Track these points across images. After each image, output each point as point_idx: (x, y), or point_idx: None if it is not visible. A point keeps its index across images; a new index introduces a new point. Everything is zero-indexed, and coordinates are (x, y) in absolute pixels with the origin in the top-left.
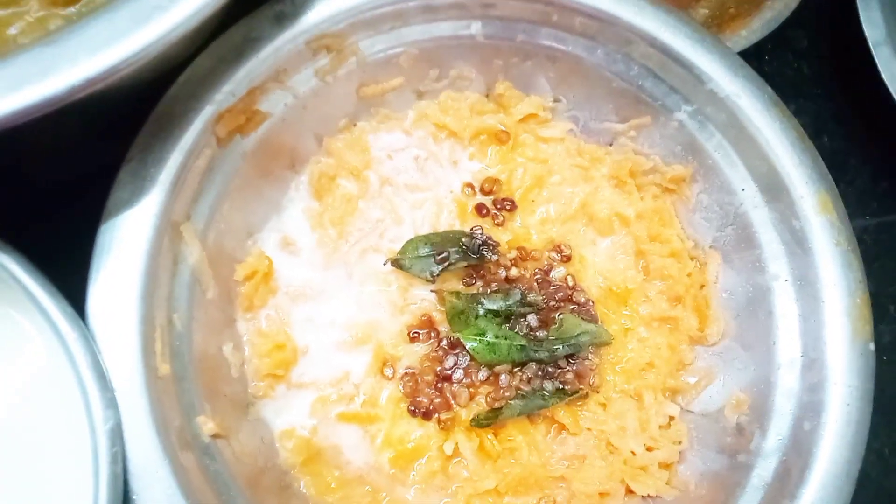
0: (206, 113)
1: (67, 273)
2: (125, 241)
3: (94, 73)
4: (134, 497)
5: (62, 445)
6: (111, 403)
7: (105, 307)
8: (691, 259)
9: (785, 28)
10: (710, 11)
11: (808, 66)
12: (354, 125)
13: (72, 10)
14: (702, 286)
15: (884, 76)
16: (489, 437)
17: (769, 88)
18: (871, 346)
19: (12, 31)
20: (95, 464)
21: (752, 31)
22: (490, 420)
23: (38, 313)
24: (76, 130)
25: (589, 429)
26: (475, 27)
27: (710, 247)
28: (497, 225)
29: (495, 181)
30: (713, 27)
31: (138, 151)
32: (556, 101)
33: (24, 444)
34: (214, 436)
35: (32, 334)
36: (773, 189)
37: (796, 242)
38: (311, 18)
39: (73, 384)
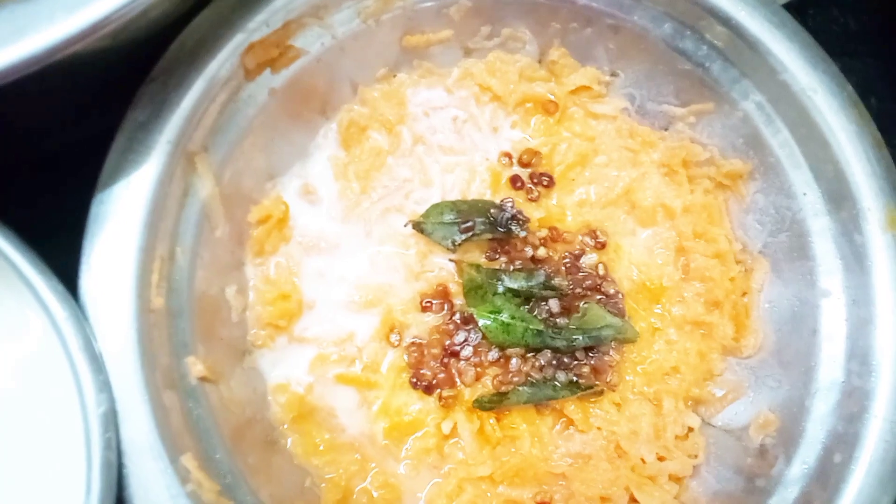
0: (237, 41)
1: (60, 235)
2: (135, 163)
3: (73, 31)
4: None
5: (54, 430)
6: (104, 387)
7: (106, 226)
8: (737, 263)
9: None
10: None
11: (855, 21)
12: (394, 76)
13: None
14: (744, 293)
15: None
16: (491, 421)
17: (850, 87)
18: None
19: None
20: (88, 449)
21: None
22: (494, 404)
23: (27, 291)
24: (64, 95)
25: (599, 428)
26: None
27: (760, 252)
28: (531, 200)
29: (535, 153)
30: None
31: (160, 73)
32: (613, 75)
33: (14, 428)
34: (202, 378)
35: (22, 313)
36: (838, 197)
37: (855, 259)
38: None
39: (65, 366)
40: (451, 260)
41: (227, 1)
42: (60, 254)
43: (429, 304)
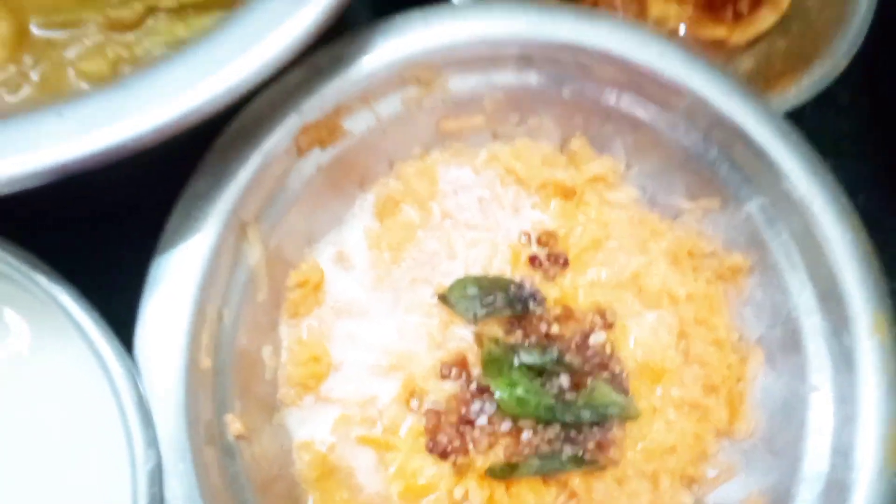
0: (291, 121)
1: (118, 292)
2: (193, 230)
3: (163, 121)
4: None
5: (101, 483)
6: (153, 443)
7: (162, 288)
8: (734, 351)
9: (828, 85)
10: (756, 65)
11: (849, 124)
12: (427, 155)
13: (131, 36)
14: (739, 380)
15: None
16: (500, 490)
17: (845, 198)
18: None
19: (69, 54)
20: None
21: (800, 90)
22: (506, 474)
23: (86, 347)
24: (130, 165)
25: (601, 502)
26: (564, 83)
27: (755, 343)
28: (547, 279)
29: (553, 235)
30: (760, 82)
31: (220, 147)
32: (628, 167)
33: (63, 479)
34: (238, 436)
35: (79, 368)
36: (830, 299)
37: (843, 358)
38: (407, 48)
39: (117, 421)
40: (472, 332)
41: (285, 85)
42: (117, 309)
43: (448, 373)
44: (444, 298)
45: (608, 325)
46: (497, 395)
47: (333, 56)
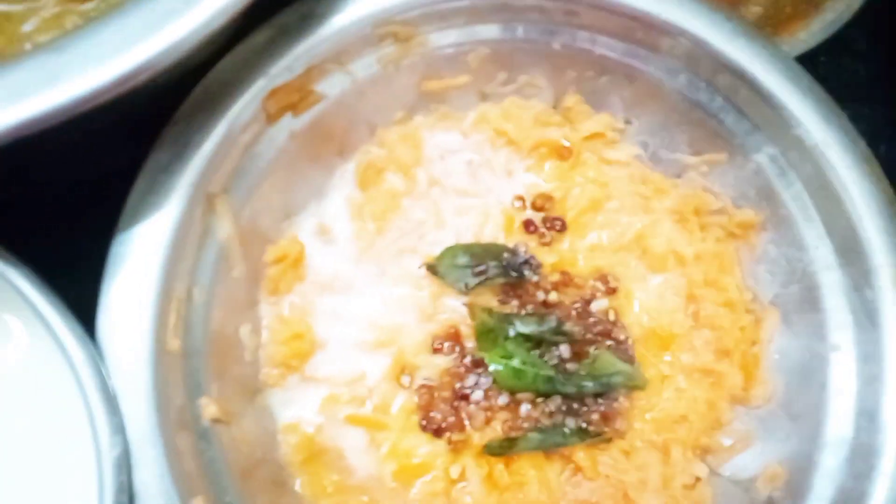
0: (259, 86)
1: (78, 272)
2: (156, 205)
3: (101, 83)
4: None
5: (67, 472)
6: (119, 429)
7: (125, 267)
8: (747, 312)
9: (842, 29)
10: (764, 10)
11: (866, 69)
12: (411, 119)
13: (89, 5)
14: (754, 343)
15: None
16: (499, 466)
17: (863, 143)
18: None
19: (27, 27)
20: (101, 492)
21: (811, 33)
22: (504, 450)
23: (45, 331)
24: (88, 135)
25: (607, 476)
26: (554, 35)
27: (770, 303)
28: (543, 244)
29: (549, 198)
30: (768, 27)
31: (183, 116)
32: (626, 122)
33: (27, 469)
34: (215, 420)
35: (38, 353)
36: (850, 252)
37: (866, 314)
38: (380, 3)
39: (80, 408)
40: (464, 303)
41: (250, 46)
42: (77, 291)
43: (440, 347)
44: (432, 269)
45: (611, 291)
46: (492, 368)
47: (302, 14)
